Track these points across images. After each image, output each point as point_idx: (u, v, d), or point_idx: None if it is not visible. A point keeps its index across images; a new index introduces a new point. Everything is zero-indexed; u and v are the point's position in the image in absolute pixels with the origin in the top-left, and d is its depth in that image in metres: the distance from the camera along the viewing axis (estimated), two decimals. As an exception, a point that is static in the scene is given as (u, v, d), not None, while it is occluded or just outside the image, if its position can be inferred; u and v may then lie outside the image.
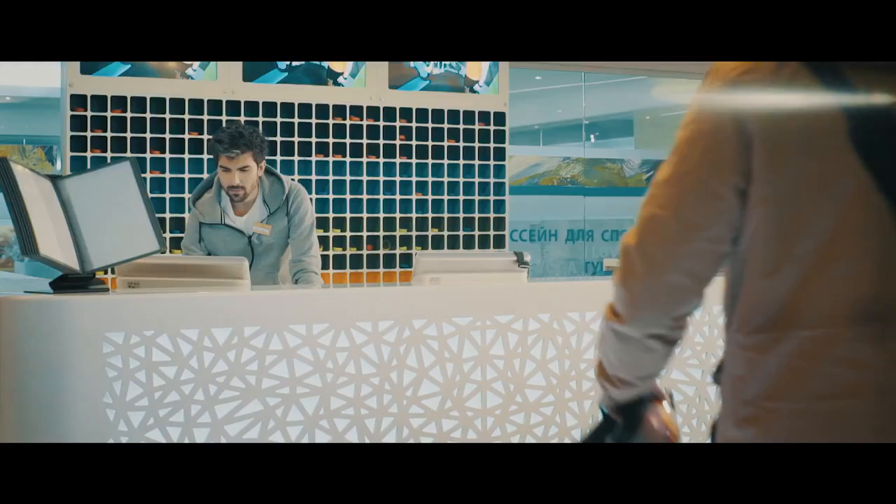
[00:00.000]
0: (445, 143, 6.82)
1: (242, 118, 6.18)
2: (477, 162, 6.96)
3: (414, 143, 6.73)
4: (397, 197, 6.71)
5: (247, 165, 3.93)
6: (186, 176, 6.13)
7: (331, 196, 6.53)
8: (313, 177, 6.45)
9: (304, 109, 6.44)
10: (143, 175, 3.63)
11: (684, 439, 3.57)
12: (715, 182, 1.38)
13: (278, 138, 6.33)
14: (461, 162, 6.88)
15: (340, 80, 6.55)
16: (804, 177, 1.35)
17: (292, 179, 4.22)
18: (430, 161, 6.79)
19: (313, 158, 6.47)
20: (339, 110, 6.54)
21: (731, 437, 1.45)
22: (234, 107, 6.24)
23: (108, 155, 5.94)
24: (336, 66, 6.53)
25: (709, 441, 1.57)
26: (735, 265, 1.43)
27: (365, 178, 6.62)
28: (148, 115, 6.06)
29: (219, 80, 6.23)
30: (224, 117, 6.16)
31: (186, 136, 6.15)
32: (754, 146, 1.36)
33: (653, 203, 1.42)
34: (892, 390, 1.34)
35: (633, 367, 1.51)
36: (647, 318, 1.44)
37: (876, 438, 1.34)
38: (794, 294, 1.36)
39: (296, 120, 6.42)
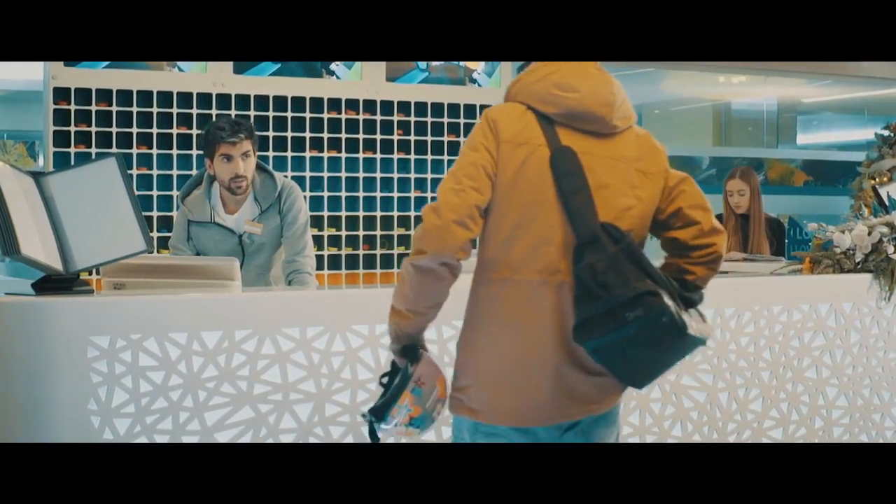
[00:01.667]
0: (445, 139, 6.73)
1: (233, 112, 6.11)
2: (476, 158, 6.86)
3: (412, 138, 6.64)
4: (395, 195, 6.64)
5: (248, 151, 3.94)
6: (174, 172, 6.05)
7: (326, 194, 6.46)
8: (307, 173, 6.37)
9: (298, 103, 6.37)
10: (129, 171, 3.57)
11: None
12: (481, 174, 2.24)
13: (270, 133, 6.25)
14: (460, 158, 6.78)
15: (333, 67, 6.44)
16: (520, 186, 2.23)
17: (285, 176, 4.19)
18: (429, 157, 6.71)
19: (307, 154, 6.39)
20: (335, 104, 6.46)
21: (467, 337, 2.29)
22: (224, 100, 6.17)
23: (93, 150, 5.85)
24: (331, 57, 6.43)
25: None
26: (483, 233, 2.27)
27: (361, 174, 6.54)
28: (134, 109, 5.98)
29: (208, 72, 6.14)
30: (214, 111, 6.09)
31: (175, 131, 6.06)
32: (499, 161, 2.24)
33: (446, 184, 2.23)
34: (563, 315, 2.22)
35: (427, 296, 2.22)
36: (441, 249, 2.19)
37: (553, 345, 2.23)
38: (508, 255, 2.24)
39: (289, 114, 6.34)
